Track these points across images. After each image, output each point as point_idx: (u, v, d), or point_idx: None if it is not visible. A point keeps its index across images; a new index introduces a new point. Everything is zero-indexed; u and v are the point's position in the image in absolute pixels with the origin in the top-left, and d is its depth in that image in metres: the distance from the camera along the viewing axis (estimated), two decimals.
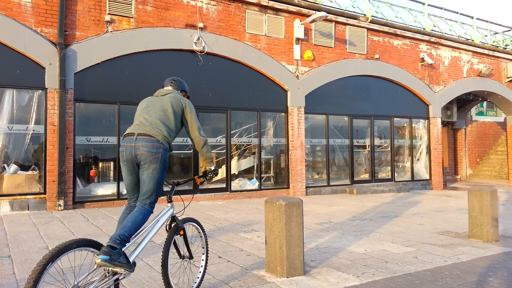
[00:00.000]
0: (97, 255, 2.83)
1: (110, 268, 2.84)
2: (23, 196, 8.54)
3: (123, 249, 2.99)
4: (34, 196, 8.66)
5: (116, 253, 2.88)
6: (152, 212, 3.36)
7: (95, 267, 2.85)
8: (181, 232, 3.59)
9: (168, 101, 3.62)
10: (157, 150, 3.33)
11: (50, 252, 2.57)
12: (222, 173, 11.21)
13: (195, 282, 3.75)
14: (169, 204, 3.60)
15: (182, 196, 10.28)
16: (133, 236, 3.12)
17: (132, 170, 3.41)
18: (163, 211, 3.51)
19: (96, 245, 2.88)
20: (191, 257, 3.76)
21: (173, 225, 3.58)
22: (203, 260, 3.86)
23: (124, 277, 3.01)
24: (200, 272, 3.83)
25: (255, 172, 11.71)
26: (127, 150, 3.36)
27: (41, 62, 8.74)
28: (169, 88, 3.86)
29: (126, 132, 3.49)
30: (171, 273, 3.42)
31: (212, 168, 3.80)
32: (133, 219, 3.18)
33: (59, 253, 2.60)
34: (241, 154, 11.76)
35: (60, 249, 2.60)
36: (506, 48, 17.85)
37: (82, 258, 2.99)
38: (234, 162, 11.48)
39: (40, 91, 8.87)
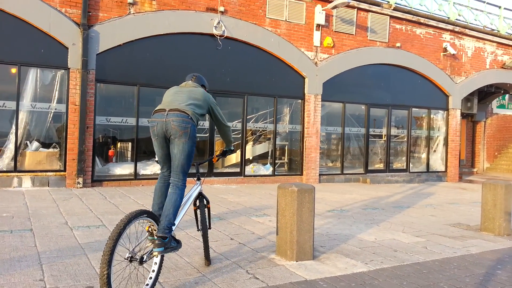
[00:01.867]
0: (153, 247, 3.23)
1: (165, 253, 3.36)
2: (44, 173, 8.83)
3: (172, 234, 3.37)
4: (54, 173, 8.94)
5: (167, 242, 3.29)
6: (185, 189, 3.62)
7: (149, 241, 3.30)
8: (208, 206, 4.14)
9: (198, 92, 3.80)
10: (186, 125, 3.48)
11: (126, 217, 3.03)
12: (236, 157, 11.34)
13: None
14: (198, 182, 4.07)
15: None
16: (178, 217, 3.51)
17: (163, 144, 3.59)
18: (192, 189, 3.95)
19: (154, 217, 3.35)
20: (209, 227, 4.26)
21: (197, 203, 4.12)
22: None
23: None
24: None
25: (269, 157, 11.81)
26: (158, 125, 3.52)
27: (64, 42, 8.92)
28: (190, 82, 4.00)
29: (156, 109, 3.64)
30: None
31: (232, 148, 4.22)
32: (172, 203, 3.45)
33: (132, 219, 3.04)
34: (256, 140, 11.85)
35: (133, 216, 3.06)
36: None
37: (136, 227, 3.32)
38: (249, 147, 11.59)
39: (63, 70, 9.07)
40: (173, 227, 3.39)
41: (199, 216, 4.11)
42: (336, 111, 12.92)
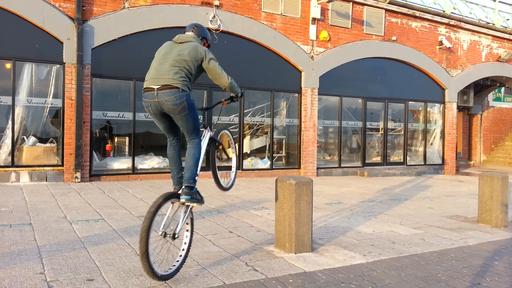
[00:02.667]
0: (181, 195, 3.45)
1: (190, 204, 3.51)
2: (42, 168, 8.81)
3: (195, 185, 3.56)
4: (52, 168, 8.92)
5: (193, 192, 3.50)
6: (201, 141, 3.74)
7: (176, 208, 3.52)
8: (220, 147, 4.30)
9: (186, 50, 3.60)
10: (181, 100, 3.43)
11: (158, 199, 3.27)
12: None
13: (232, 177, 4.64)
14: (205, 130, 4.03)
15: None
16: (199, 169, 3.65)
17: (162, 119, 3.60)
18: (203, 136, 3.97)
19: (178, 197, 3.52)
20: (229, 159, 4.61)
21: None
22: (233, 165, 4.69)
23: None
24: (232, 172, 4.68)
25: (267, 151, 11.82)
26: (152, 105, 3.50)
27: (59, 37, 8.87)
28: (190, 34, 3.85)
29: (145, 86, 3.55)
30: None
31: (239, 94, 4.10)
32: (192, 156, 3.60)
33: (164, 201, 3.31)
34: (253, 134, 11.86)
35: (165, 198, 3.33)
36: None
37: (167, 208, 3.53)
38: (246, 141, 11.59)
39: (58, 65, 9.02)
40: (196, 177, 3.58)
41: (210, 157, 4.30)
42: (333, 105, 12.93)
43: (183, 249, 3.61)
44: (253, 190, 8.88)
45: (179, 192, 3.55)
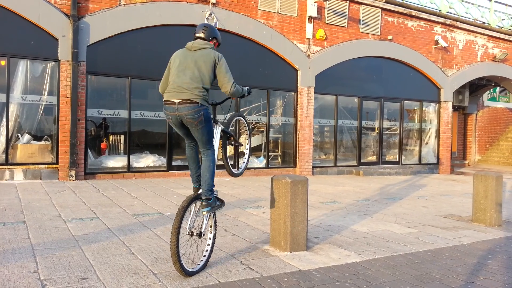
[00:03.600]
0: (201, 208, 3.77)
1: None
2: (36, 166, 8.76)
3: (214, 194, 3.86)
4: (46, 166, 8.87)
5: (212, 202, 3.80)
6: (215, 152, 3.95)
7: (201, 214, 3.82)
8: (231, 138, 4.47)
9: (201, 59, 3.75)
10: (199, 114, 3.65)
11: (183, 203, 3.60)
12: (230, 150, 11.32)
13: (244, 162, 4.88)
14: (216, 125, 4.16)
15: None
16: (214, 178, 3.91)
17: (182, 128, 3.84)
18: (215, 132, 4.10)
19: (200, 198, 3.81)
20: (240, 144, 4.84)
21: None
22: (247, 142, 4.88)
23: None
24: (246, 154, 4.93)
25: (262, 150, 11.81)
26: (173, 118, 3.74)
27: (54, 34, 8.81)
28: (201, 35, 3.95)
29: (166, 99, 3.73)
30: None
31: (246, 94, 4.20)
32: (207, 169, 3.85)
33: (189, 205, 3.63)
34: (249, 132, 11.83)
35: (189, 201, 3.65)
36: None
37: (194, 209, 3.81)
38: (242, 139, 11.57)
39: (53, 62, 8.96)
40: (214, 187, 3.87)
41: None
42: (329, 104, 12.94)
43: (208, 244, 3.91)
44: (248, 189, 8.88)
45: (199, 192, 3.86)
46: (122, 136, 9.97)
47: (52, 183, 8.47)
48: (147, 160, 10.06)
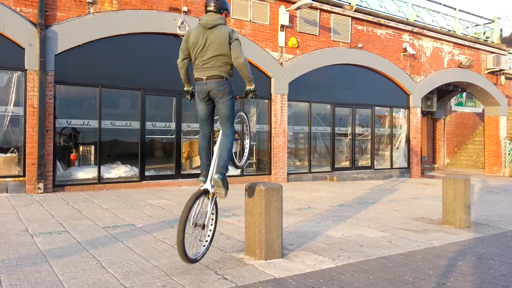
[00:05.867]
0: (214, 175, 4.05)
1: (218, 188, 4.05)
2: (2, 179, 8.44)
3: (226, 174, 4.14)
4: (13, 178, 8.56)
5: (224, 179, 4.06)
6: (233, 135, 4.31)
7: (202, 203, 4.06)
8: (236, 135, 4.67)
9: (218, 37, 4.11)
10: (224, 87, 4.12)
11: (192, 197, 3.90)
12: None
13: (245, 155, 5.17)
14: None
15: (163, 180, 10.31)
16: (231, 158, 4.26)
17: (206, 104, 4.25)
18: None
19: (207, 193, 4.12)
20: (243, 138, 5.17)
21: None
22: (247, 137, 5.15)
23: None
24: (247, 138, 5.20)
25: (237, 158, 11.75)
26: (202, 92, 4.18)
27: (20, 43, 8.56)
28: (212, 9, 4.22)
29: (195, 77, 4.19)
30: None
31: (252, 88, 4.31)
32: (225, 147, 4.18)
33: (197, 198, 3.94)
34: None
35: (197, 195, 3.96)
36: (486, 40, 18.18)
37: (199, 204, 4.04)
38: (216, 148, 11.50)
39: (20, 72, 8.70)
40: (228, 166, 4.18)
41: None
42: (303, 111, 13.05)
43: (209, 235, 4.22)
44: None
45: (206, 188, 4.13)
46: (93, 147, 9.74)
47: (19, 196, 8.18)
48: (119, 170, 9.86)
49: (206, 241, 4.19)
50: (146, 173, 10.14)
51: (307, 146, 13.12)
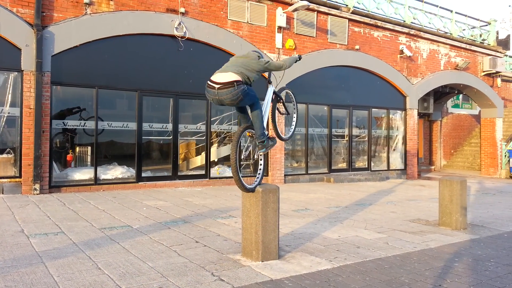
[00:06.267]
0: (258, 150, 4.64)
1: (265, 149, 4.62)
2: None
3: (266, 136, 4.60)
4: (9, 179, 8.52)
5: (265, 143, 4.59)
6: (260, 104, 4.62)
7: (257, 146, 4.64)
8: (281, 102, 5.28)
9: (249, 61, 4.52)
10: (237, 94, 4.22)
11: (239, 129, 4.47)
12: (201, 159, 11.24)
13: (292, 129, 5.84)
14: (270, 85, 5.06)
15: (160, 182, 10.29)
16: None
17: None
18: (267, 91, 5.01)
19: (252, 127, 4.63)
20: (287, 113, 5.57)
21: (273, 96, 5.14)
22: (294, 115, 5.69)
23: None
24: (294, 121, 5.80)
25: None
26: (214, 100, 4.36)
27: (17, 43, 8.53)
28: (247, 53, 4.76)
29: (208, 82, 4.32)
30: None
31: (297, 57, 5.09)
32: (257, 116, 4.54)
33: (244, 130, 4.51)
34: (221, 141, 11.79)
35: (244, 128, 4.54)
36: (483, 43, 18.26)
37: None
38: (214, 149, 11.51)
39: (16, 73, 8.67)
40: (265, 131, 4.61)
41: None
42: (300, 112, 13.01)
43: (260, 169, 4.74)
44: (220, 199, 8.81)
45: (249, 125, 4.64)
46: (89, 148, 9.71)
47: (15, 197, 8.14)
48: (115, 171, 9.83)
49: (259, 173, 4.69)
50: (143, 174, 10.12)
51: (304, 148, 13.13)
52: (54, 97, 9.08)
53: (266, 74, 5.17)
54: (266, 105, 4.87)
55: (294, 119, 5.70)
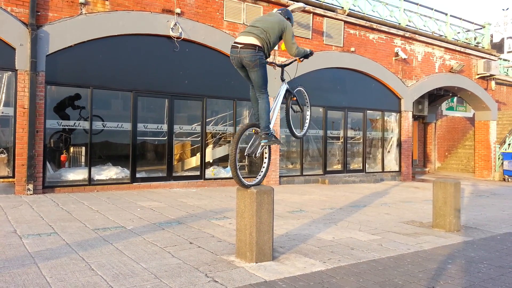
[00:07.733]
0: (260, 140, 4.74)
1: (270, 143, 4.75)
2: None
3: (271, 131, 4.74)
4: (2, 179, 8.46)
5: (269, 136, 4.72)
6: (268, 96, 4.83)
7: (260, 143, 4.80)
8: (294, 98, 5.41)
9: (274, 21, 4.73)
10: (255, 58, 4.55)
11: (243, 126, 4.65)
12: (196, 160, 11.22)
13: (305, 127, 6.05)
14: (282, 83, 5.30)
15: (155, 182, 10.26)
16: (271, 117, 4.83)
17: (242, 70, 4.77)
18: (280, 88, 5.26)
19: (257, 125, 4.80)
20: (302, 110, 5.75)
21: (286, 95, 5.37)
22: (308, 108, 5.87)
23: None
24: (307, 121, 6.00)
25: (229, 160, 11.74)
26: (235, 59, 4.67)
27: (11, 43, 8.49)
28: (275, 11, 5.01)
29: (233, 44, 4.63)
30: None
31: (309, 52, 5.09)
32: (263, 109, 4.73)
33: (247, 128, 4.69)
34: (216, 143, 11.78)
35: (248, 125, 4.74)
36: (477, 46, 18.38)
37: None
38: (209, 150, 11.50)
39: (10, 72, 8.62)
40: (270, 125, 4.74)
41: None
42: (295, 114, 13.03)
43: (264, 167, 4.85)
44: (215, 200, 8.79)
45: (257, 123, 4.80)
46: (83, 148, 9.67)
47: (8, 197, 8.09)
48: (110, 172, 9.79)
49: (262, 171, 4.81)
50: (137, 175, 10.08)
51: (299, 149, 13.14)
52: (49, 97, 9.04)
53: (279, 72, 5.50)
54: (277, 101, 5.07)
55: (308, 117, 5.86)
